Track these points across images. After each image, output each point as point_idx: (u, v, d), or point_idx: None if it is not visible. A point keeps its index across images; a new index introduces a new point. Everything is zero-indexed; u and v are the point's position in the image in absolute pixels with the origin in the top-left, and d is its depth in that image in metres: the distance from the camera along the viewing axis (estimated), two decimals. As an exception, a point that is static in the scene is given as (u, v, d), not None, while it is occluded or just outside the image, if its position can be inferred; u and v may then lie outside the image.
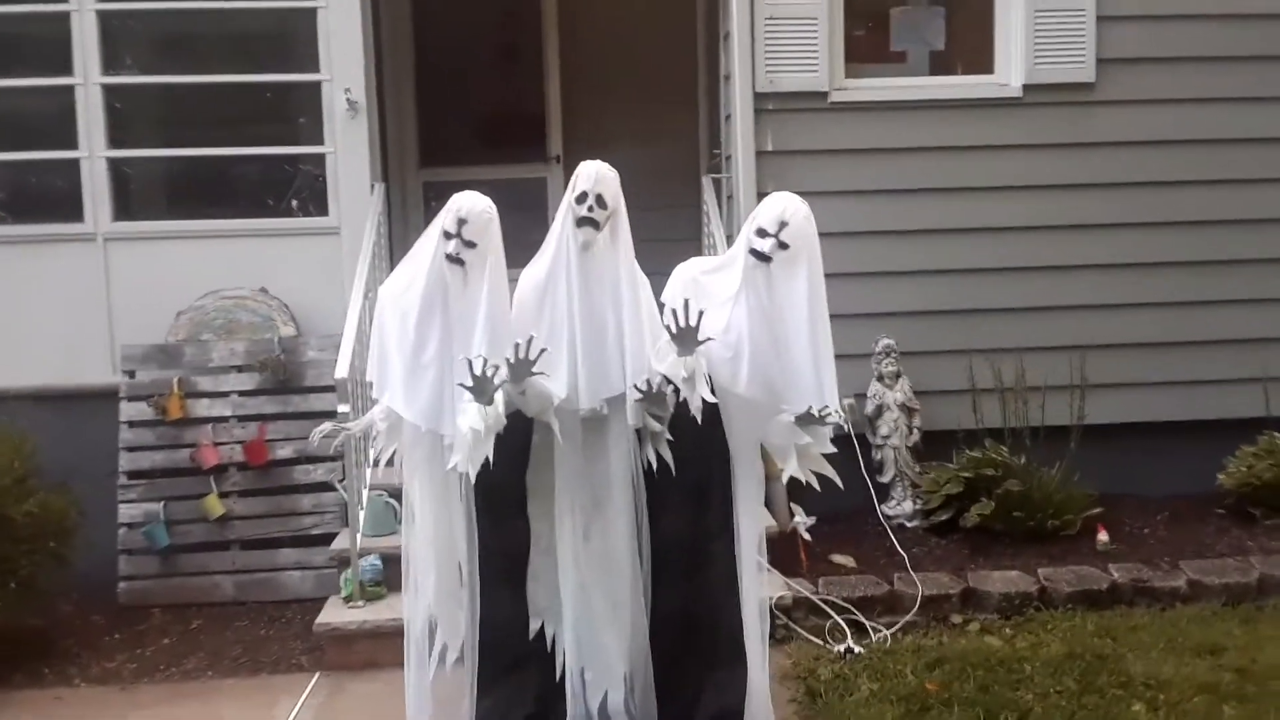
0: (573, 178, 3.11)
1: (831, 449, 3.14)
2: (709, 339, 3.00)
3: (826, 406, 3.03)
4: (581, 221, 3.04)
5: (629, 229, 3.15)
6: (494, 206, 3.12)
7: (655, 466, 3.11)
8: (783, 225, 3.07)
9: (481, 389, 2.90)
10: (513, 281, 3.19)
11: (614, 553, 3.15)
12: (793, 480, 3.27)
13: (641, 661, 3.18)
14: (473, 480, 3.03)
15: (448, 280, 3.07)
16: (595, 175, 3.08)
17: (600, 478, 3.15)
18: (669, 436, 3.08)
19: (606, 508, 3.15)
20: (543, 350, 2.93)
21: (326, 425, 3.39)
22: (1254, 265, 5.45)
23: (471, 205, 3.08)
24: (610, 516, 3.14)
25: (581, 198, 3.05)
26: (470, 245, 3.04)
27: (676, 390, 3.04)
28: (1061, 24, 5.31)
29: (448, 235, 3.06)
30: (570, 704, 3.18)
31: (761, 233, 3.09)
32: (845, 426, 3.10)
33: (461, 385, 2.92)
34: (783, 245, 3.06)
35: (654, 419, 3.07)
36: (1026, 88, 5.35)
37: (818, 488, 3.21)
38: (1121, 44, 5.34)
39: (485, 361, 2.90)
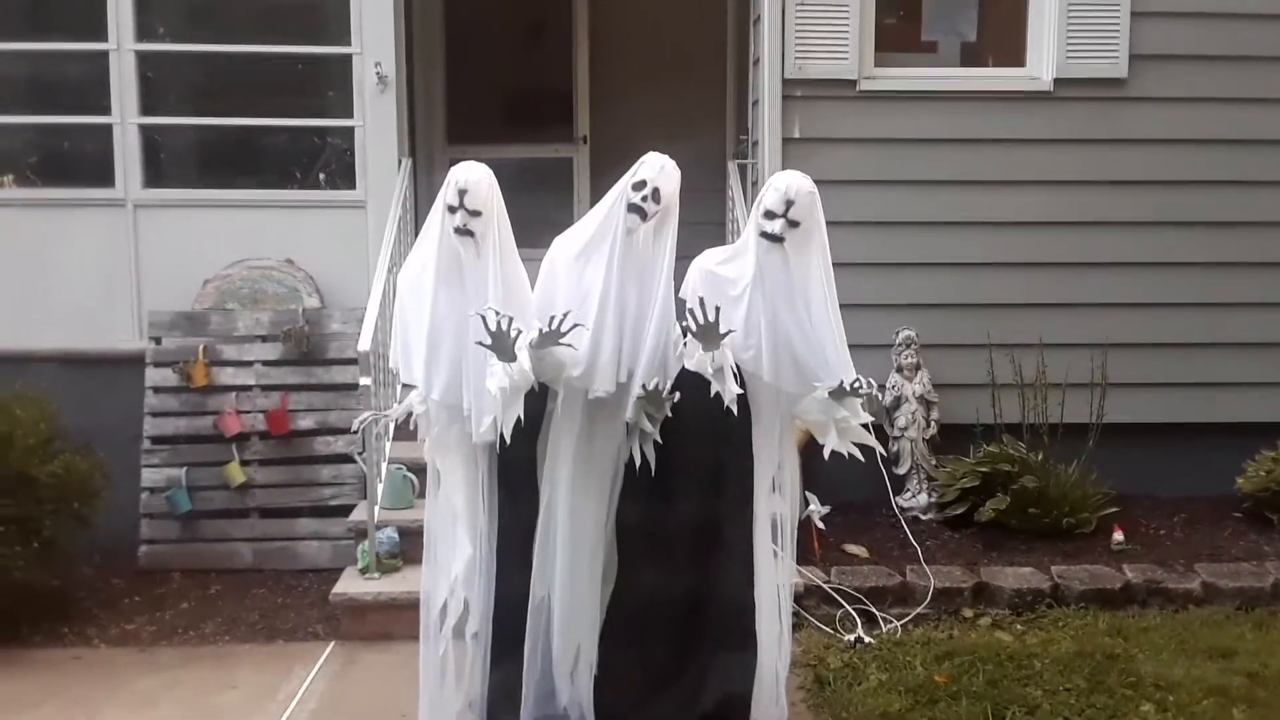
0: (637, 164, 3.10)
1: (868, 418, 3.13)
2: (731, 331, 3.01)
3: (858, 379, 3.04)
4: (632, 208, 3.04)
5: (676, 232, 3.13)
6: (491, 173, 3.11)
7: (639, 462, 3.09)
8: (789, 204, 3.07)
9: (501, 344, 2.90)
10: (530, 262, 3.20)
11: (581, 532, 3.15)
12: (808, 469, 3.28)
13: (588, 643, 3.18)
14: (509, 441, 3.02)
15: (460, 254, 3.08)
16: (660, 168, 3.08)
17: (583, 456, 3.15)
18: (658, 439, 3.07)
19: (576, 487, 3.15)
20: (575, 325, 2.94)
21: (367, 414, 3.44)
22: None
23: (469, 175, 3.08)
24: (583, 496, 3.15)
25: (639, 185, 3.05)
26: (475, 214, 3.05)
27: (675, 393, 3.05)
28: (1095, 18, 5.26)
29: (451, 209, 3.06)
30: (535, 658, 3.19)
31: (769, 215, 3.09)
32: (879, 395, 3.10)
33: (480, 344, 2.93)
34: (793, 224, 3.07)
35: (648, 418, 3.07)
36: (1058, 81, 5.30)
37: (861, 459, 3.20)
38: (1155, 40, 5.28)
39: (499, 314, 2.91)
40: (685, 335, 3.04)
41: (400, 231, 5.10)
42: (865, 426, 3.14)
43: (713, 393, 3.02)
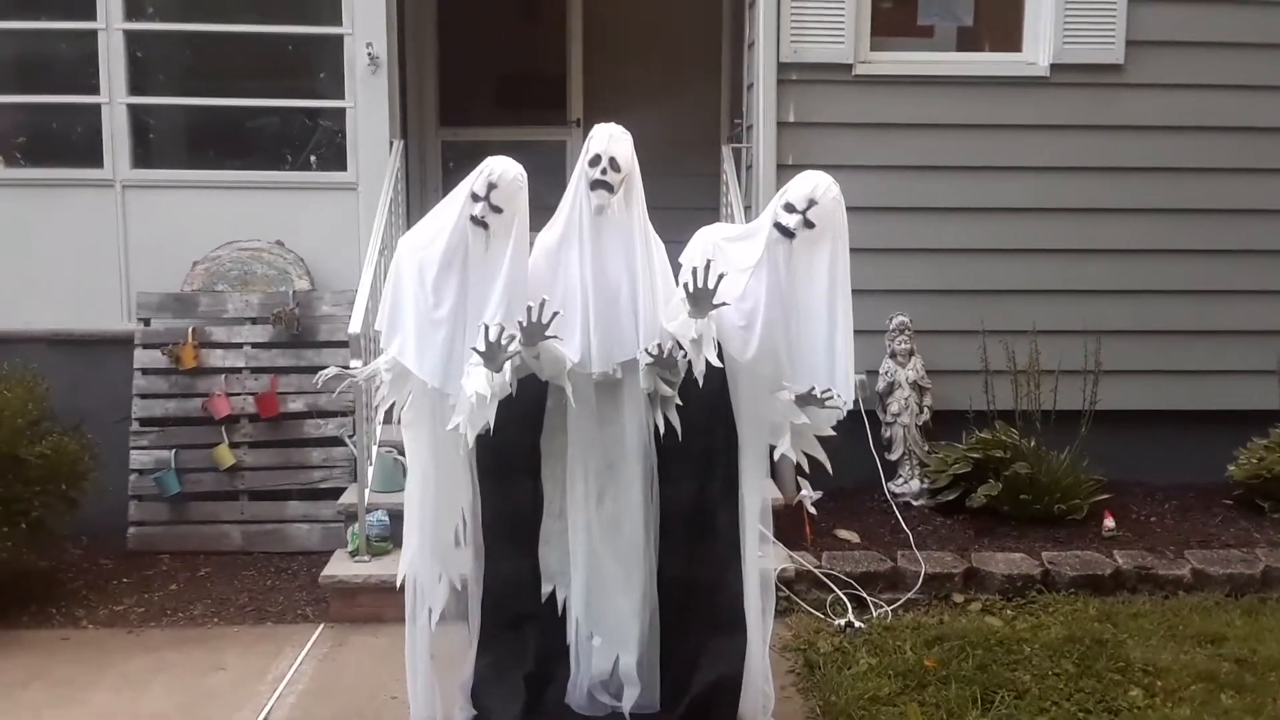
0: (586, 141, 3.09)
1: (830, 432, 3.13)
2: (723, 304, 2.99)
3: (829, 390, 3.02)
4: (595, 185, 3.03)
5: (643, 192, 3.13)
6: (525, 175, 3.09)
7: (664, 432, 3.10)
8: (811, 204, 3.06)
9: (492, 355, 2.90)
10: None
11: (626, 517, 3.15)
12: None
13: (650, 626, 3.19)
14: (471, 444, 3.02)
15: (469, 241, 3.06)
16: (609, 137, 3.06)
17: (613, 442, 3.15)
18: (679, 401, 3.07)
19: (620, 472, 3.15)
20: (555, 313, 2.92)
21: (332, 369, 3.39)
22: (1273, 256, 5.41)
23: (503, 171, 3.06)
24: (623, 481, 3.15)
25: (595, 160, 3.04)
26: (496, 210, 3.03)
27: (687, 355, 3.04)
28: (1092, 3, 5.24)
29: (475, 198, 3.04)
30: (576, 668, 3.20)
31: (789, 208, 3.07)
32: (843, 413, 3.10)
33: (474, 349, 2.92)
34: (808, 224, 3.06)
35: (665, 383, 3.06)
36: (1054, 67, 5.29)
37: (806, 469, 3.22)
38: (1152, 26, 5.27)
39: (502, 330, 2.90)
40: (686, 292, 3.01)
41: (392, 214, 5.07)
42: (829, 435, 3.14)
43: (696, 370, 3.00)
